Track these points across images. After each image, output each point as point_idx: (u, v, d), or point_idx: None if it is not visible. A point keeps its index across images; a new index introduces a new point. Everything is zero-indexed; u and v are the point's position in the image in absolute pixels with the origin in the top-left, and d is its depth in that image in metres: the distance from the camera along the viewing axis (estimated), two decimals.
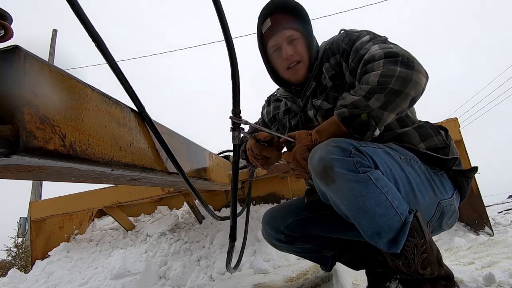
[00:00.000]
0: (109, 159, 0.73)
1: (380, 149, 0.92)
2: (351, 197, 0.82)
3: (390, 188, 0.85)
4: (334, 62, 1.10)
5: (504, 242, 1.82)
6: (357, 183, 0.82)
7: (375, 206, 0.82)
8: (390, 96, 0.86)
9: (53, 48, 9.27)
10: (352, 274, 1.67)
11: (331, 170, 0.83)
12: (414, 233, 0.86)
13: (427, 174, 0.98)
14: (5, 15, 0.65)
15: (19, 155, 0.51)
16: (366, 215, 0.83)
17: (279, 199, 2.70)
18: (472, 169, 1.07)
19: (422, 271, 0.89)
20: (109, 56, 0.77)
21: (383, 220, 0.83)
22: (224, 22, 0.86)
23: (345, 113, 0.91)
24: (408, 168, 0.94)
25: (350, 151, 0.84)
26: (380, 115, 0.88)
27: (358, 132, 0.91)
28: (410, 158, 0.97)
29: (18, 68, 0.52)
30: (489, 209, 4.33)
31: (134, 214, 3.03)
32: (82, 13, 0.69)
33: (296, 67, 1.15)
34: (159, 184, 1.22)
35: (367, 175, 0.82)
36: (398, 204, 0.84)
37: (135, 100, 0.87)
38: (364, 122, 0.90)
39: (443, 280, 0.93)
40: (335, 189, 0.85)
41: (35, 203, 2.87)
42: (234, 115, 0.99)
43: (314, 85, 1.15)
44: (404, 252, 0.86)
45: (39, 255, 2.75)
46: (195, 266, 2.10)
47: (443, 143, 1.06)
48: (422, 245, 0.88)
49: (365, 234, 0.86)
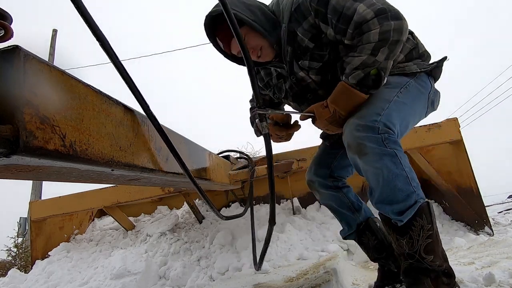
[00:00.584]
0: (109, 159, 0.73)
1: (393, 103, 1.05)
2: (378, 166, 0.96)
3: (411, 169, 0.99)
4: (308, 25, 1.13)
5: (504, 242, 1.82)
6: (385, 156, 0.96)
7: (395, 179, 0.95)
8: (391, 47, 0.99)
9: (53, 48, 9.26)
10: (352, 274, 1.67)
11: (364, 146, 0.97)
12: (423, 215, 0.96)
13: (418, 87, 1.14)
14: (5, 15, 0.65)
15: (19, 155, 0.51)
16: (387, 184, 0.96)
17: (279, 199, 2.70)
18: (442, 59, 1.22)
19: (425, 254, 0.96)
20: (114, 55, 0.76)
21: (399, 193, 0.95)
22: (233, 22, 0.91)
23: (360, 75, 1.01)
24: (409, 99, 1.10)
25: (378, 128, 0.98)
26: (386, 65, 1.01)
27: (373, 87, 1.03)
28: (406, 85, 1.11)
29: (18, 68, 0.52)
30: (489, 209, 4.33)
31: (134, 214, 3.03)
32: (86, 12, 0.69)
33: (263, 53, 1.22)
34: (159, 184, 1.22)
35: (394, 151, 0.97)
36: (415, 185, 0.97)
37: (140, 99, 0.86)
38: (376, 77, 1.02)
39: (444, 277, 0.96)
40: (366, 160, 0.98)
41: (35, 203, 2.87)
42: (259, 107, 1.07)
43: (291, 49, 1.19)
44: (410, 231, 0.96)
45: (39, 255, 2.75)
46: (195, 266, 2.10)
47: (413, 45, 1.19)
48: (428, 230, 0.96)
49: (378, 199, 1.00)
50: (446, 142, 2.28)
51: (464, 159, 2.31)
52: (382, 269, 1.32)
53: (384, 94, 1.07)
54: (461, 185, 2.34)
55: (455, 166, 2.37)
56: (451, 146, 2.36)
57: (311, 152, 2.44)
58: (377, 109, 1.02)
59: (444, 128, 2.25)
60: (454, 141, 2.28)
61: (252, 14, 1.14)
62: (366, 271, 1.76)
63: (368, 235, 1.32)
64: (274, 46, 1.21)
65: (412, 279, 0.99)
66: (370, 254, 1.35)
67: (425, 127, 2.25)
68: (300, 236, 2.17)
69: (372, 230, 1.32)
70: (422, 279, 0.96)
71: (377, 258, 1.32)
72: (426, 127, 2.25)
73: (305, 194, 2.68)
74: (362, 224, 1.34)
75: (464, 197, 2.31)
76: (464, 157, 2.30)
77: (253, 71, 1.00)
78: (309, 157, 2.41)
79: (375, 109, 1.03)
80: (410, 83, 1.12)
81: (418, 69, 1.15)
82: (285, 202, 2.65)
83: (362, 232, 1.34)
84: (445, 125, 2.26)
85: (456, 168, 2.36)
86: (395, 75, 1.13)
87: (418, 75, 1.16)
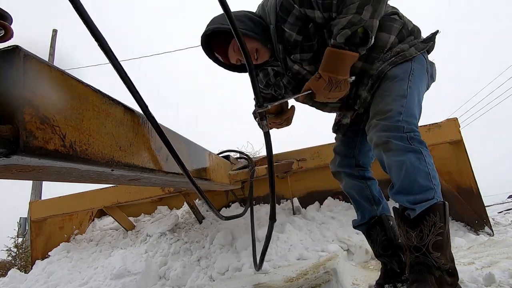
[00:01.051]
0: (109, 159, 0.73)
1: (408, 96, 1.09)
2: (401, 160, 1.00)
3: (434, 169, 1.03)
4: (293, 18, 1.17)
5: (504, 242, 1.82)
6: (409, 152, 1.01)
7: (417, 173, 0.99)
8: (375, 4, 1.02)
9: (53, 48, 9.27)
10: (352, 274, 1.67)
11: (390, 143, 1.02)
12: (437, 212, 0.99)
13: (419, 67, 1.17)
14: (5, 15, 0.65)
15: (19, 155, 0.51)
16: (407, 177, 1.00)
17: (279, 199, 2.69)
18: (435, 33, 1.25)
19: (432, 250, 0.98)
20: (112, 55, 0.76)
21: (418, 187, 0.99)
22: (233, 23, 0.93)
23: (348, 33, 1.04)
24: (417, 83, 1.14)
25: (403, 127, 1.03)
26: (371, 23, 1.04)
27: (361, 45, 1.06)
28: (411, 72, 1.14)
29: (18, 68, 0.52)
30: (489, 209, 4.33)
31: (134, 214, 3.03)
32: (84, 12, 0.69)
33: (259, 55, 1.28)
34: (159, 184, 1.22)
35: (419, 149, 1.02)
36: (436, 184, 1.01)
37: (139, 100, 0.86)
38: (364, 35, 1.05)
39: (448, 276, 0.98)
40: (390, 155, 1.03)
41: (35, 203, 2.87)
42: (259, 106, 1.11)
43: (282, 46, 1.25)
44: (421, 225, 0.99)
45: (39, 255, 2.75)
46: (195, 266, 2.10)
47: (401, 24, 1.21)
48: (440, 228, 0.99)
49: (397, 190, 1.03)
50: (446, 142, 2.28)
51: (464, 159, 2.30)
52: (385, 268, 1.34)
53: (397, 90, 1.12)
54: (461, 185, 2.34)
55: (455, 166, 2.37)
56: (451, 146, 2.36)
57: (311, 152, 2.44)
58: (397, 108, 1.07)
59: (444, 128, 2.25)
60: (454, 141, 2.28)
61: (241, 23, 1.21)
62: (366, 271, 1.75)
63: (378, 230, 1.34)
64: (268, 46, 1.27)
65: (417, 274, 1.00)
66: (376, 250, 1.37)
67: (425, 127, 2.25)
68: (300, 236, 2.16)
69: (383, 225, 1.34)
70: (426, 276, 0.97)
71: (381, 255, 1.34)
72: (426, 127, 2.25)
73: (305, 194, 2.68)
74: (375, 218, 1.36)
75: (464, 197, 2.31)
76: (464, 157, 2.30)
77: (254, 71, 1.04)
78: (309, 157, 2.41)
79: (395, 108, 1.07)
80: (413, 68, 1.16)
81: (418, 52, 1.18)
82: (285, 202, 2.65)
83: (373, 226, 1.36)
84: (445, 125, 2.25)
85: (456, 168, 2.36)
86: (398, 65, 1.16)
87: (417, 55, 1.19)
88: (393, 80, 1.14)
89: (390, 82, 1.15)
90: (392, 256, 1.30)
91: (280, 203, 2.66)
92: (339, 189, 2.63)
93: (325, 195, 2.63)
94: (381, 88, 1.16)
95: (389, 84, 1.14)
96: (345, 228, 2.24)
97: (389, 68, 1.16)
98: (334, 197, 2.62)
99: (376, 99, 1.17)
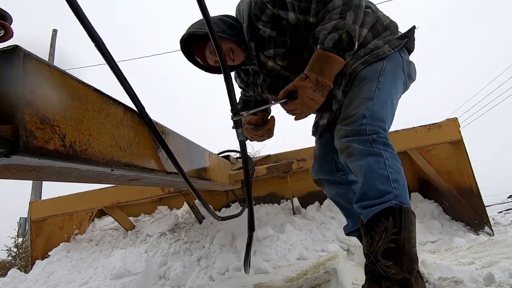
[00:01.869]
0: (109, 159, 0.73)
1: (375, 98, 1.07)
2: (363, 166, 0.97)
3: (397, 172, 0.98)
4: (267, 17, 1.19)
5: (504, 242, 1.82)
6: (370, 155, 0.98)
7: (375, 178, 0.95)
8: (356, 10, 1.03)
9: (53, 48, 9.27)
10: (352, 274, 1.67)
11: (352, 148, 1.01)
12: (390, 217, 0.90)
13: (392, 65, 1.15)
14: (5, 15, 0.65)
15: (19, 155, 0.51)
16: (366, 182, 0.97)
17: (279, 199, 2.70)
18: (411, 29, 1.23)
19: (381, 258, 0.89)
20: (109, 56, 0.77)
21: (374, 192, 0.95)
22: (212, 29, 0.95)
23: (335, 37, 1.02)
24: (388, 83, 1.12)
25: (365, 130, 1.01)
26: (355, 29, 1.04)
27: (348, 50, 1.04)
28: (382, 72, 1.12)
29: (18, 68, 0.52)
30: (489, 209, 4.32)
31: (134, 214, 3.03)
32: (81, 12, 0.69)
33: (235, 55, 1.30)
34: (159, 184, 1.22)
35: (380, 152, 0.98)
36: (397, 187, 0.95)
37: (135, 100, 0.87)
38: (349, 40, 1.03)
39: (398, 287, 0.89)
40: (353, 160, 1.01)
41: (35, 203, 2.87)
42: (234, 114, 1.07)
43: (255, 43, 1.27)
44: (372, 231, 0.92)
45: (39, 255, 2.75)
46: (195, 266, 2.10)
47: (374, 18, 1.19)
48: (393, 234, 0.89)
49: (356, 196, 1.01)
50: (446, 142, 2.28)
51: (464, 159, 2.30)
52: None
53: (365, 92, 1.09)
54: (461, 185, 2.34)
55: (455, 166, 2.37)
56: (451, 146, 2.36)
57: (311, 152, 2.43)
58: (362, 111, 1.04)
59: (444, 128, 2.25)
60: (454, 141, 2.28)
61: (216, 25, 1.24)
62: None
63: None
64: (242, 46, 1.29)
65: (366, 281, 0.96)
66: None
67: (425, 127, 2.25)
68: (300, 236, 2.16)
69: None
70: (372, 286, 0.92)
71: None
72: (426, 127, 2.25)
73: (305, 194, 2.68)
74: None
75: (464, 197, 2.31)
76: (464, 157, 2.30)
77: (229, 76, 1.05)
78: (309, 157, 2.41)
79: (360, 111, 1.04)
80: (384, 67, 1.13)
81: (392, 50, 1.15)
82: (285, 202, 2.65)
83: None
84: (445, 125, 2.25)
85: (456, 168, 2.36)
86: (371, 64, 1.13)
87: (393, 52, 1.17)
88: (362, 82, 1.12)
89: (360, 84, 1.12)
90: None
91: (280, 203, 2.66)
92: None
93: (325, 195, 2.62)
94: (352, 90, 1.14)
95: (359, 86, 1.12)
96: None
97: (361, 68, 1.14)
98: None
99: (346, 102, 1.14)
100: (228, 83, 1.04)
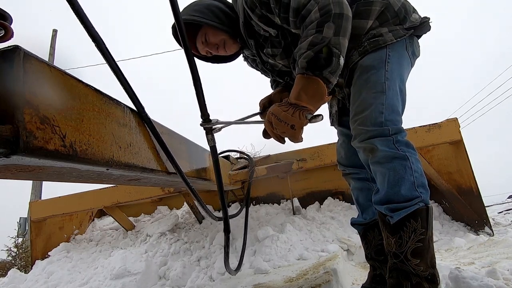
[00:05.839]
0: (109, 159, 0.73)
1: (387, 91, 1.03)
2: (390, 170, 0.97)
3: (421, 174, 0.99)
4: (257, 16, 1.16)
5: (504, 242, 1.82)
6: (396, 159, 0.97)
7: (401, 184, 0.96)
8: (337, 20, 0.93)
9: (53, 48, 9.27)
10: (352, 275, 1.67)
11: (376, 148, 0.99)
12: (418, 218, 0.95)
13: (397, 50, 1.09)
14: (5, 15, 0.65)
15: (19, 155, 0.51)
16: (391, 187, 0.97)
17: (279, 199, 2.70)
18: (424, 19, 1.14)
19: (411, 257, 0.94)
20: (109, 56, 0.77)
21: (401, 198, 0.96)
22: (183, 34, 0.94)
23: (310, 54, 0.92)
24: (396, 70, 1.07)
25: (388, 130, 0.99)
26: (338, 41, 0.93)
27: (326, 66, 0.92)
28: (387, 61, 1.07)
29: (18, 68, 0.52)
30: (489, 209, 4.33)
31: (134, 214, 3.03)
32: (81, 12, 0.69)
33: (226, 47, 1.26)
34: (159, 184, 1.22)
35: (405, 154, 0.98)
36: (422, 191, 0.97)
37: (135, 100, 0.87)
38: (328, 54, 0.92)
39: (427, 283, 0.94)
40: (376, 162, 1.00)
41: (35, 203, 2.87)
42: (204, 120, 1.07)
43: (253, 41, 1.25)
44: (401, 231, 0.95)
45: (39, 255, 2.75)
46: (195, 266, 2.10)
47: (383, 5, 1.10)
48: (421, 234, 0.94)
49: (378, 198, 1.01)
50: (446, 142, 2.29)
51: (464, 159, 2.31)
52: (374, 272, 1.29)
53: (374, 83, 1.04)
54: (461, 185, 2.34)
55: (455, 166, 2.37)
56: (451, 146, 2.36)
57: (311, 152, 2.44)
58: (377, 107, 1.01)
59: (444, 128, 2.25)
60: (454, 141, 2.28)
61: (211, 13, 1.20)
62: (366, 271, 1.75)
63: (375, 232, 1.28)
64: (238, 39, 1.26)
65: (394, 280, 0.97)
66: (368, 252, 1.31)
67: (425, 127, 2.25)
68: (300, 236, 2.16)
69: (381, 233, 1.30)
70: (403, 283, 0.94)
71: (373, 259, 1.29)
72: (426, 127, 2.25)
73: (305, 194, 2.68)
74: (375, 220, 1.29)
75: (464, 197, 2.31)
76: (464, 157, 2.30)
77: (199, 81, 1.01)
78: (309, 157, 2.41)
79: (375, 107, 1.01)
80: (389, 55, 1.07)
81: (394, 39, 1.08)
82: (285, 202, 2.65)
83: (371, 228, 1.29)
84: (445, 125, 2.26)
85: (456, 168, 2.37)
86: (370, 53, 1.07)
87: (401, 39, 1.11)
88: (368, 72, 1.06)
89: (365, 74, 1.06)
90: (383, 262, 1.25)
91: (280, 203, 2.66)
92: (339, 189, 2.65)
93: (325, 195, 2.63)
94: (358, 81, 1.08)
95: (365, 76, 1.06)
96: (345, 228, 2.24)
97: (359, 58, 1.09)
98: (334, 197, 2.63)
99: (354, 93, 1.09)
100: (197, 88, 1.00)
